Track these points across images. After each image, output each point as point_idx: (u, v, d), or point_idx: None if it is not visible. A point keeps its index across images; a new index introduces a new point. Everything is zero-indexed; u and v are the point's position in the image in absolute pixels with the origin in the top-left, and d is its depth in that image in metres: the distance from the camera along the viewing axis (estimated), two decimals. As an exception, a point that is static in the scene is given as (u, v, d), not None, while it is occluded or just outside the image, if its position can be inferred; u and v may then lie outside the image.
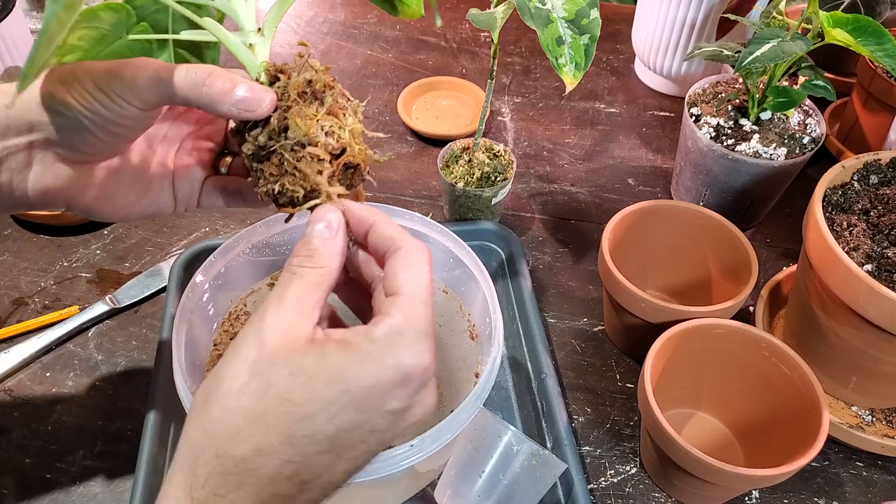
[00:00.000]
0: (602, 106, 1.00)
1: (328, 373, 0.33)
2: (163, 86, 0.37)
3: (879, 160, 0.62)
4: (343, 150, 0.38)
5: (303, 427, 0.32)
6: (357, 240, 0.39)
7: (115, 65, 0.37)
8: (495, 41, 0.68)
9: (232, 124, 0.42)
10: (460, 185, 0.74)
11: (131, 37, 0.44)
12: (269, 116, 0.39)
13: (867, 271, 0.53)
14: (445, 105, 0.96)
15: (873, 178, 0.62)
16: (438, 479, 0.57)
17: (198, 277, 0.58)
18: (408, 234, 0.37)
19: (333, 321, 0.42)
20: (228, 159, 0.48)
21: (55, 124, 0.38)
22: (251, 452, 0.32)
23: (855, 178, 0.62)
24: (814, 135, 0.74)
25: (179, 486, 0.33)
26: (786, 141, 0.73)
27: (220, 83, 0.37)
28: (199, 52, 0.48)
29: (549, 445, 0.60)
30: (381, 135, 0.48)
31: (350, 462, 0.34)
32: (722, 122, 0.75)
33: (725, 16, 0.81)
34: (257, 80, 0.40)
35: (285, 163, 0.38)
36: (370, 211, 0.38)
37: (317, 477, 0.33)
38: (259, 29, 0.42)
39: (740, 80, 0.77)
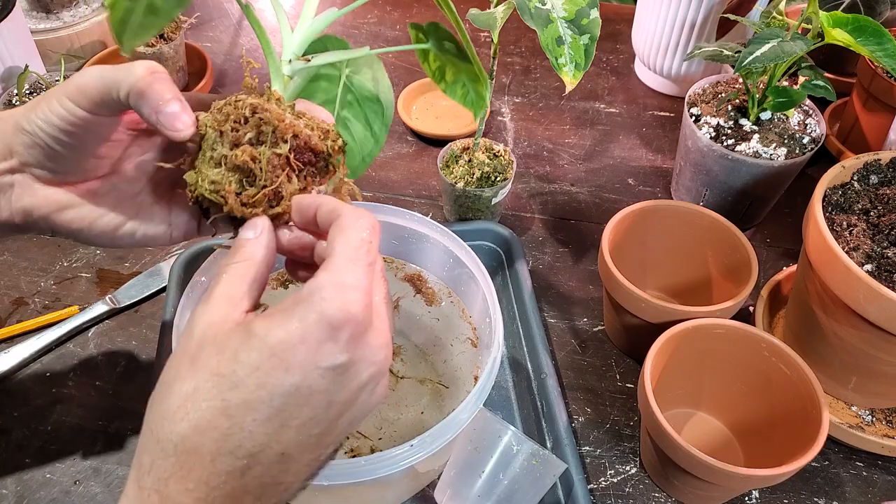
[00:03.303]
0: (602, 106, 1.00)
1: (253, 341, 0.32)
2: (104, 80, 0.37)
3: (879, 160, 0.62)
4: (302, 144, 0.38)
5: (235, 396, 0.32)
6: (309, 228, 0.39)
7: (75, 75, 0.38)
8: (495, 41, 0.68)
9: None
10: (460, 185, 0.74)
11: None
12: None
13: (867, 271, 0.53)
14: (445, 105, 0.96)
15: (873, 178, 0.62)
16: (438, 479, 0.57)
17: (198, 277, 0.58)
18: (352, 206, 0.37)
19: None
20: None
21: (24, 144, 0.39)
22: (189, 431, 0.32)
23: (855, 178, 0.62)
24: (814, 135, 0.74)
25: (130, 481, 0.33)
26: (786, 141, 0.73)
27: (157, 86, 0.37)
28: None
29: (549, 445, 0.60)
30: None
31: (300, 431, 0.33)
32: (722, 122, 0.75)
33: (725, 16, 0.81)
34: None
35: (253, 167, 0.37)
36: (316, 197, 0.38)
37: (263, 448, 0.32)
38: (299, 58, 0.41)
39: (740, 80, 0.77)
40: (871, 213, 0.58)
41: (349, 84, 0.47)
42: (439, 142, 0.89)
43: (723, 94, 0.78)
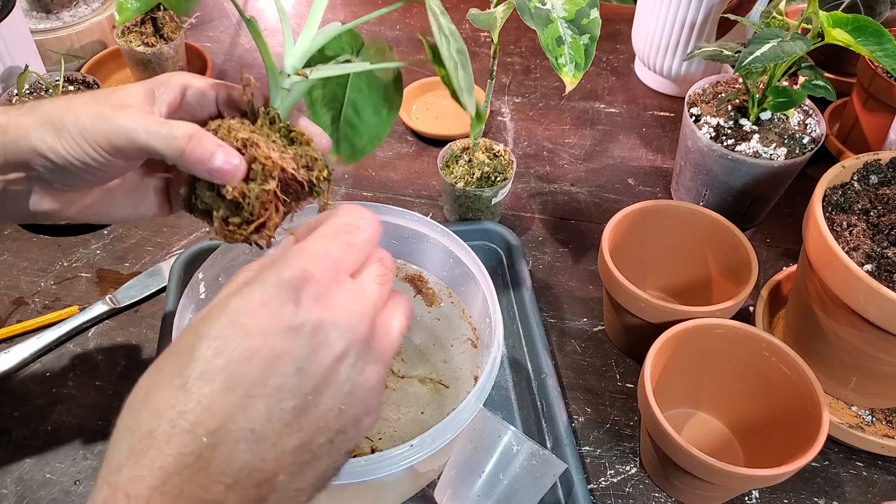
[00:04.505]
0: (602, 106, 1.00)
1: (213, 314, 0.31)
2: (140, 146, 0.39)
3: (879, 160, 0.62)
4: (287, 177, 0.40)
5: (193, 370, 0.29)
6: None
7: (98, 118, 0.39)
8: (495, 41, 0.68)
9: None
10: (460, 185, 0.74)
11: None
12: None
13: (867, 271, 0.53)
14: (445, 105, 0.96)
15: (873, 178, 0.62)
16: (438, 479, 0.57)
17: (198, 276, 0.58)
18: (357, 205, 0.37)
19: None
20: None
21: (46, 168, 0.40)
22: (147, 415, 0.29)
23: (855, 178, 0.62)
24: (814, 135, 0.74)
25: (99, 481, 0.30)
26: (786, 141, 0.73)
27: (198, 151, 0.38)
28: None
29: (549, 445, 0.60)
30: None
31: (270, 404, 0.30)
32: (722, 122, 0.75)
33: (725, 16, 0.81)
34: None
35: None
36: (325, 213, 0.38)
37: (226, 422, 0.29)
38: (299, 73, 0.42)
39: (740, 80, 0.77)
40: (871, 213, 0.58)
41: (360, 71, 0.47)
42: (439, 142, 0.89)
43: (723, 94, 0.78)
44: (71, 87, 0.82)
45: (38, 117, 0.40)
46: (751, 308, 0.72)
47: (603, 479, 0.62)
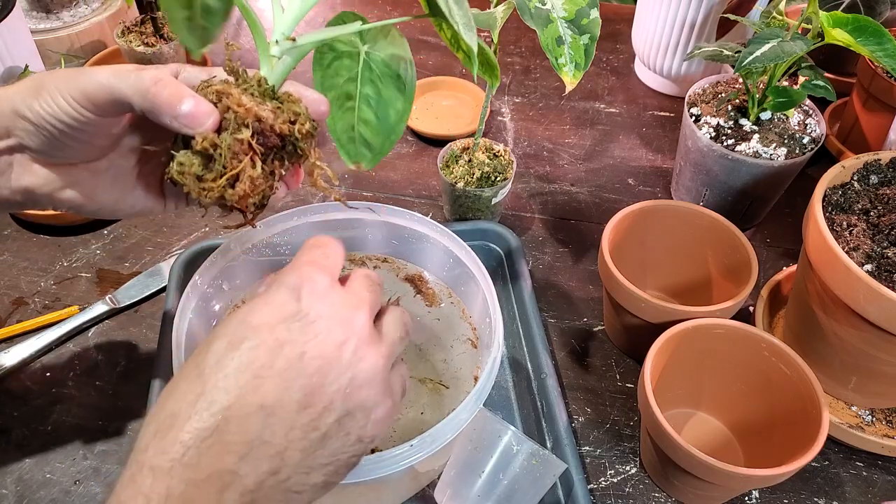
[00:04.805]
0: (602, 106, 1.00)
1: (226, 319, 0.37)
2: (110, 91, 0.38)
3: (879, 160, 0.62)
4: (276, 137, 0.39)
5: (208, 361, 0.35)
6: None
7: (76, 74, 0.39)
8: (495, 41, 0.68)
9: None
10: (460, 185, 0.74)
11: None
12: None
13: (867, 271, 0.53)
14: (445, 105, 0.96)
15: (873, 178, 0.62)
16: (438, 479, 0.57)
17: (197, 277, 0.58)
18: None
19: None
20: None
21: (26, 130, 0.40)
22: (170, 404, 0.34)
23: (855, 178, 0.62)
24: (814, 135, 0.74)
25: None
26: (786, 141, 0.73)
27: (166, 93, 0.38)
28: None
29: (549, 445, 0.60)
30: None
31: (278, 383, 0.34)
32: (722, 122, 0.75)
33: (725, 16, 0.81)
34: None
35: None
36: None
37: (238, 399, 0.34)
38: (289, 38, 0.41)
39: (740, 80, 0.77)
40: (871, 213, 0.58)
41: (368, 61, 0.46)
42: (439, 142, 0.89)
43: (723, 94, 0.78)
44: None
45: (24, 85, 0.40)
46: (751, 308, 0.72)
47: (603, 479, 0.62)
